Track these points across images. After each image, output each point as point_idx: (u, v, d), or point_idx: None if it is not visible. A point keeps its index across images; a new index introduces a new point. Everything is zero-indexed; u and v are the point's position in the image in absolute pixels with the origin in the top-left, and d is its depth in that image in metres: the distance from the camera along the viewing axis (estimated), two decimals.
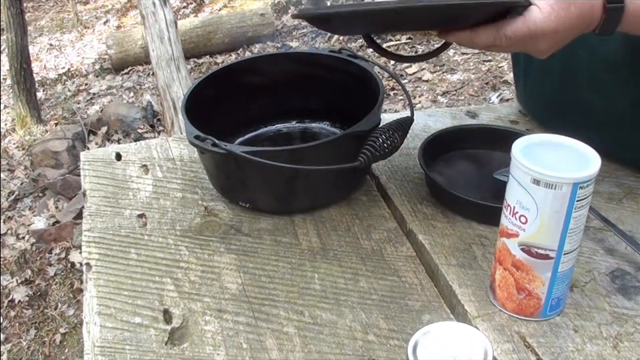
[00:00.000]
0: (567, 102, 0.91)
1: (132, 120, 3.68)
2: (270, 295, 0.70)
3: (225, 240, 0.79)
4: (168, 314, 0.68)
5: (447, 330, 0.51)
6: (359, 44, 4.29)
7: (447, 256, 0.73)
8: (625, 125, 0.85)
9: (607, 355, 0.61)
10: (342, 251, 0.76)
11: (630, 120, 0.84)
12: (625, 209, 0.80)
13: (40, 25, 5.91)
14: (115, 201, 0.86)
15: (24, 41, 3.82)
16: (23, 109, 3.84)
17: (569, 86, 0.89)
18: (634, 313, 0.65)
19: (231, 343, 0.64)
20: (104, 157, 0.96)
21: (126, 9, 5.99)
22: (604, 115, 0.86)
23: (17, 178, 3.35)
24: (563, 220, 0.58)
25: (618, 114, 0.85)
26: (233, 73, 0.93)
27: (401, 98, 3.48)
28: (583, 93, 0.88)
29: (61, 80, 4.65)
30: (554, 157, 0.59)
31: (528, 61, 0.96)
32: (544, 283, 0.62)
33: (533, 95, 1.00)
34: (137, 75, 4.48)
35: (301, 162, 0.75)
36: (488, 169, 0.85)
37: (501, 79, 3.49)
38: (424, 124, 1.01)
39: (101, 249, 0.78)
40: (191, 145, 0.76)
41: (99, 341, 0.65)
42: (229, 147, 0.72)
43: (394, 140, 0.76)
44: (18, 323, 2.42)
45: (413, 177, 0.88)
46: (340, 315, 0.67)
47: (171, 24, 3.19)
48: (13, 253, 2.75)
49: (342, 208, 0.83)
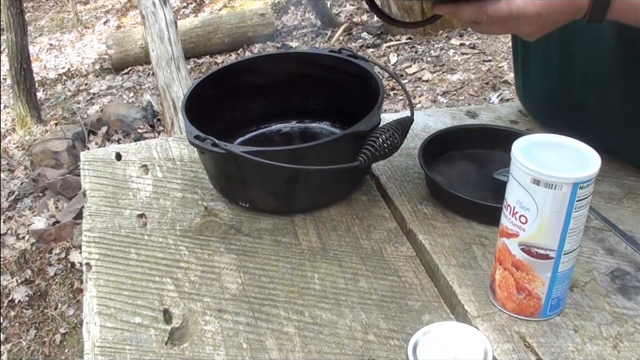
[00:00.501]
0: (565, 99, 0.91)
1: (132, 120, 3.68)
2: (270, 294, 0.70)
3: (225, 240, 0.79)
4: (168, 314, 0.68)
5: (447, 330, 0.51)
6: (359, 44, 4.29)
7: (447, 256, 0.73)
8: (621, 122, 0.85)
9: (606, 355, 0.61)
10: (342, 251, 0.76)
11: (626, 117, 0.84)
12: (625, 208, 0.80)
13: (40, 25, 5.91)
14: (114, 201, 0.86)
15: (24, 41, 3.82)
16: (23, 109, 3.84)
17: (567, 82, 0.89)
18: (634, 313, 0.65)
19: (231, 343, 0.64)
20: (104, 157, 0.96)
21: (126, 9, 5.99)
22: (600, 112, 0.86)
23: (17, 178, 3.35)
24: (562, 220, 0.58)
25: (613, 111, 0.85)
26: (233, 73, 0.93)
27: (401, 98, 3.48)
28: (579, 90, 0.88)
29: (61, 80, 4.65)
30: (554, 157, 0.59)
31: (526, 58, 0.97)
32: (544, 283, 0.62)
33: (532, 92, 1.00)
34: (136, 75, 4.48)
35: (301, 162, 0.75)
36: (488, 169, 0.85)
37: (500, 79, 3.50)
38: (424, 124, 1.01)
39: (101, 249, 0.78)
40: (191, 145, 0.76)
41: (99, 341, 0.65)
42: (228, 146, 0.72)
43: (394, 140, 0.76)
44: (18, 323, 2.42)
45: (412, 177, 0.88)
46: (340, 315, 0.67)
47: (170, 24, 3.19)
48: (12, 253, 2.75)
49: (342, 208, 0.83)
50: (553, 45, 0.89)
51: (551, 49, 0.90)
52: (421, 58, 3.93)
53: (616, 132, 0.85)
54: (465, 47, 3.96)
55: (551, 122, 0.96)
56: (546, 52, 0.91)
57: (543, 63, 0.93)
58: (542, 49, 0.91)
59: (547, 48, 0.90)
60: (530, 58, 0.96)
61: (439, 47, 4.02)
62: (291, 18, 5.07)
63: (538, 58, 0.94)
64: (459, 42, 4.02)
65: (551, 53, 0.90)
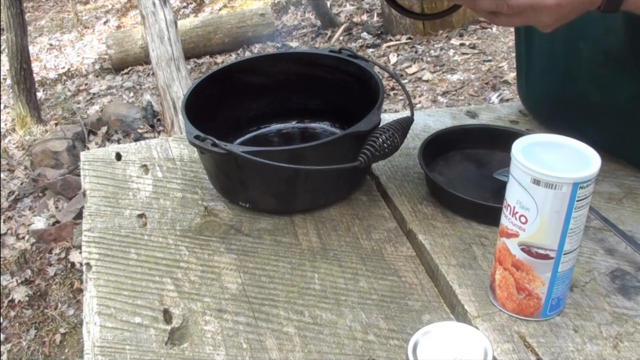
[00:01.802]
0: (568, 95, 0.91)
1: (132, 120, 3.68)
2: (270, 294, 0.70)
3: (225, 240, 0.79)
4: (168, 314, 0.68)
5: (447, 330, 0.51)
6: (359, 44, 4.29)
7: (447, 256, 0.73)
8: (625, 119, 0.85)
9: (606, 355, 0.61)
10: (342, 251, 0.76)
11: (630, 115, 0.84)
12: (625, 208, 0.80)
13: (40, 25, 5.91)
14: (115, 201, 0.86)
15: (24, 41, 3.82)
16: (23, 109, 3.84)
17: (571, 78, 0.89)
18: (634, 313, 0.65)
19: (231, 343, 0.64)
20: (104, 156, 0.96)
21: (126, 9, 5.99)
22: (604, 109, 0.86)
23: (17, 178, 3.35)
24: (562, 220, 0.58)
25: (618, 108, 0.85)
26: (233, 73, 0.93)
27: (401, 98, 3.48)
28: (584, 86, 0.88)
29: (61, 80, 4.65)
30: (554, 157, 0.59)
31: (529, 55, 0.96)
32: (544, 283, 0.62)
33: (534, 90, 1.00)
34: (136, 75, 4.48)
35: (301, 162, 0.75)
36: (488, 169, 0.85)
37: (501, 79, 3.49)
38: (424, 124, 1.01)
39: (101, 249, 0.78)
40: (191, 145, 0.76)
41: (99, 341, 0.65)
42: (228, 146, 0.72)
43: (394, 140, 0.76)
44: (18, 322, 2.42)
45: (412, 177, 0.88)
46: (340, 315, 0.67)
47: (170, 24, 3.19)
48: (12, 252, 2.75)
49: (342, 208, 0.83)
50: (558, 41, 0.88)
51: (555, 45, 0.89)
52: (421, 58, 3.93)
53: (619, 128, 0.85)
54: (465, 46, 3.96)
55: (553, 120, 0.96)
56: (550, 48, 0.91)
57: (547, 59, 0.93)
58: (547, 45, 0.91)
59: (551, 43, 0.90)
60: (533, 55, 0.95)
61: (438, 47, 4.02)
62: (290, 18, 5.07)
63: (542, 54, 0.93)
64: (459, 42, 4.02)
65: (556, 48, 0.90)
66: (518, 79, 1.03)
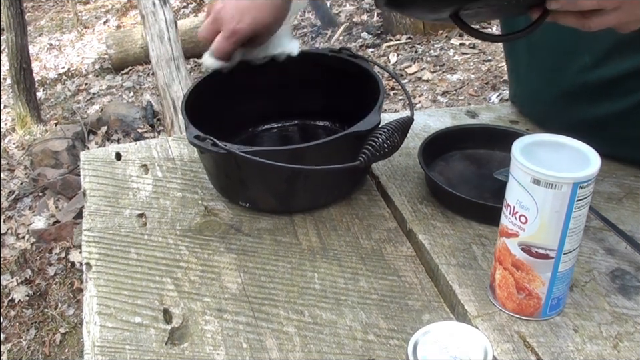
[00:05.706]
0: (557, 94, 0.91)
1: (132, 120, 3.69)
2: (270, 294, 0.70)
3: (225, 240, 0.79)
4: (168, 314, 0.68)
5: (447, 330, 0.51)
6: (359, 44, 4.29)
7: (446, 256, 0.73)
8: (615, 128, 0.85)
9: (606, 354, 0.61)
10: (342, 250, 0.76)
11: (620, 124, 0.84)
12: (625, 208, 0.80)
13: (40, 25, 5.91)
14: (114, 200, 0.86)
15: (24, 41, 3.82)
16: (22, 109, 3.84)
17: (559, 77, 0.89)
18: (634, 313, 0.65)
19: (231, 343, 0.64)
20: (104, 156, 0.96)
21: (126, 9, 5.99)
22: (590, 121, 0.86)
23: (17, 178, 3.35)
24: (562, 220, 0.58)
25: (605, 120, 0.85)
26: (233, 73, 0.93)
27: (401, 98, 3.48)
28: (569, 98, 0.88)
29: (61, 80, 4.66)
30: (554, 156, 0.59)
31: (516, 61, 0.97)
32: (544, 283, 0.62)
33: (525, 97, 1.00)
34: (136, 75, 4.49)
35: (301, 162, 0.75)
36: (488, 169, 0.85)
37: (500, 79, 3.50)
38: (424, 124, 1.01)
39: (101, 249, 0.78)
40: (191, 145, 0.76)
41: (99, 341, 0.65)
42: (228, 146, 0.72)
43: (394, 140, 0.76)
44: (18, 322, 2.42)
45: (412, 176, 0.88)
46: (340, 315, 0.67)
47: (170, 24, 3.19)
48: (12, 252, 2.75)
49: (342, 208, 0.83)
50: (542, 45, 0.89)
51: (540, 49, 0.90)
52: (421, 58, 3.93)
53: (615, 131, 0.85)
54: (465, 46, 3.96)
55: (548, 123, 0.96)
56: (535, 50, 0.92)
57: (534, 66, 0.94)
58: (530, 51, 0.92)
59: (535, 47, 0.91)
60: (520, 61, 0.96)
61: (438, 47, 4.02)
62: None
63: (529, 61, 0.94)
64: (458, 42, 4.02)
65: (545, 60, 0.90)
66: (510, 86, 1.04)
